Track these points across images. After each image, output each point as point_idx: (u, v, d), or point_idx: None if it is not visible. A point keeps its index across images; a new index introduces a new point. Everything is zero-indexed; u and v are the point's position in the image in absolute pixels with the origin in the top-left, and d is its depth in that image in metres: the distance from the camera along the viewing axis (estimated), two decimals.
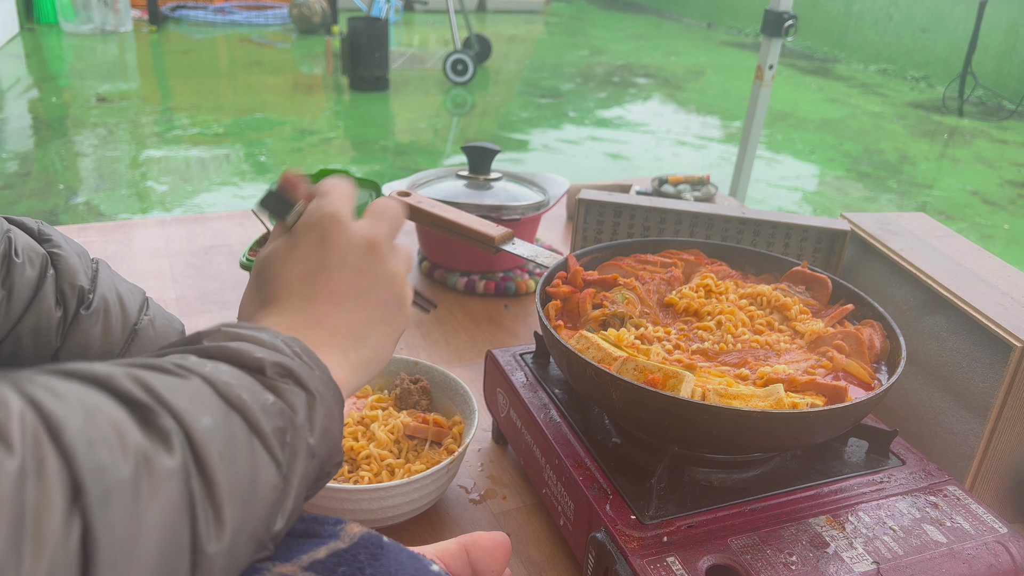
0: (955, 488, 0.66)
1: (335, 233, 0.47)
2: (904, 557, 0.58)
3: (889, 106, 5.46)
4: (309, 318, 0.45)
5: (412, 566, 0.39)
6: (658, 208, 1.02)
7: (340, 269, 0.47)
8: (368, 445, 0.72)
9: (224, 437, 0.32)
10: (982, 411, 0.75)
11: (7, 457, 0.24)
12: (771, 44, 1.68)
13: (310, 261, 0.47)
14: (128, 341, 0.62)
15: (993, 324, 0.74)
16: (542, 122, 4.63)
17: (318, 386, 0.39)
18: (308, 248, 0.47)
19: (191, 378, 0.33)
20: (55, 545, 0.25)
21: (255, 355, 0.37)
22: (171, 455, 0.29)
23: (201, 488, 0.30)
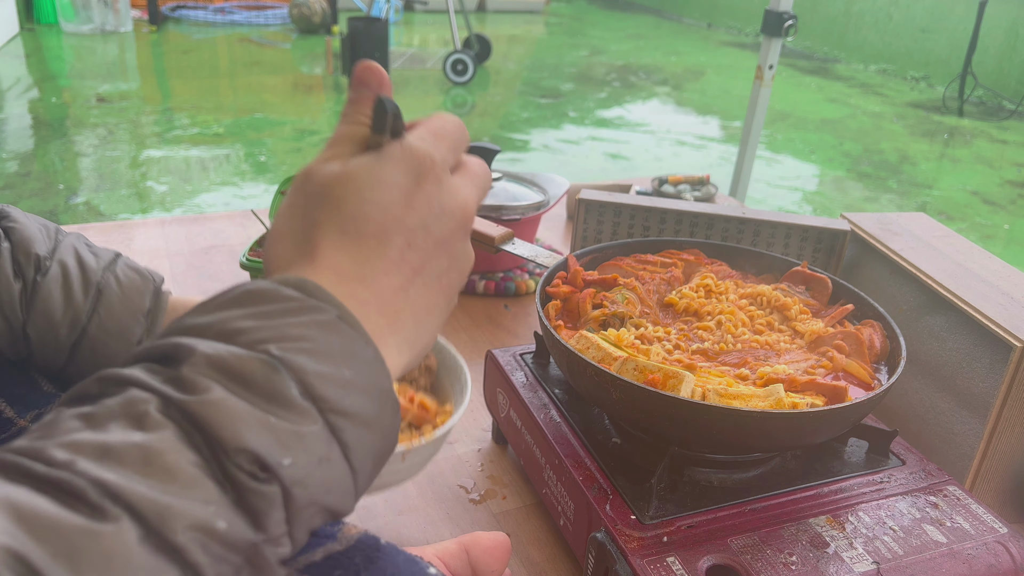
0: (955, 488, 0.66)
1: (431, 186, 0.37)
2: (904, 557, 0.58)
3: (889, 106, 5.46)
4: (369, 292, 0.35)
5: (409, 569, 0.38)
6: (658, 208, 1.02)
7: (424, 235, 0.36)
8: None
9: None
10: (982, 411, 0.75)
11: None
12: (771, 44, 1.68)
13: (388, 211, 0.36)
14: (94, 302, 0.56)
15: (993, 324, 0.74)
16: (542, 122, 4.63)
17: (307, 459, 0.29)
18: (393, 192, 0.36)
19: (109, 520, 0.24)
20: None
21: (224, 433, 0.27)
22: None
23: None
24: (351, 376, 0.32)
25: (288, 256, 0.36)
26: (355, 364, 0.32)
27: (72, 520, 0.24)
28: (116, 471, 0.25)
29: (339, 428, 0.31)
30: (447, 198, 0.37)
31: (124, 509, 0.25)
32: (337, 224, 0.35)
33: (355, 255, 0.35)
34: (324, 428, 0.30)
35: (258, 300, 0.32)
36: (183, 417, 0.28)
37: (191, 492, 0.26)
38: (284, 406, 0.29)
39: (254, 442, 0.28)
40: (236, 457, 0.28)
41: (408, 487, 0.77)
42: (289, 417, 0.29)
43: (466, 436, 0.86)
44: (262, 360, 0.30)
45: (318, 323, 0.32)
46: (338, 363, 0.31)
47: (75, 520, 0.24)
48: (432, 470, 0.80)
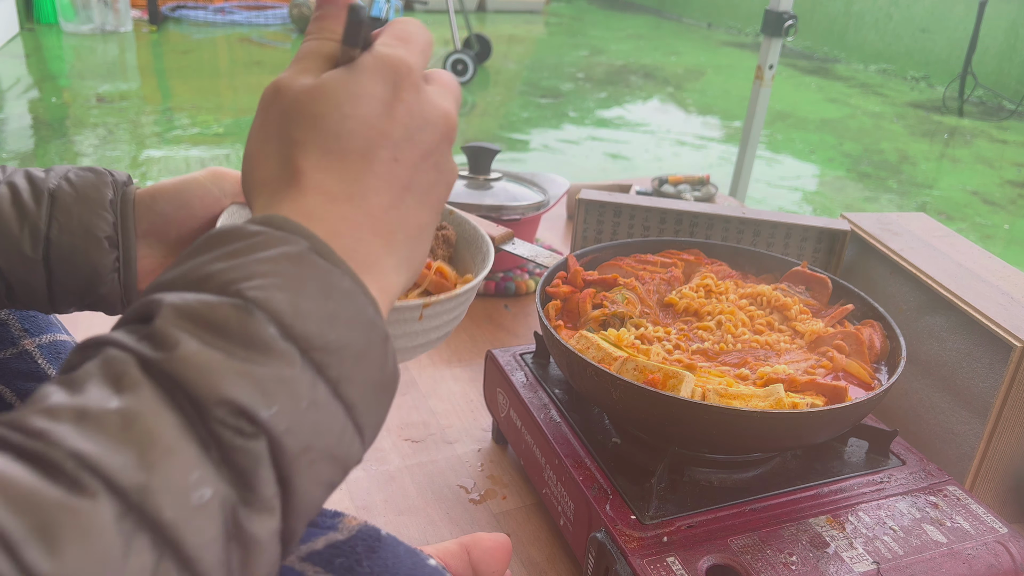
0: (955, 488, 0.66)
1: (411, 95, 0.35)
2: (904, 557, 0.58)
3: (889, 106, 5.46)
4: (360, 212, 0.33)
5: (409, 560, 0.38)
6: (658, 208, 1.02)
7: (409, 148, 0.35)
8: None
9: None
10: (982, 411, 0.75)
11: None
12: (771, 44, 1.68)
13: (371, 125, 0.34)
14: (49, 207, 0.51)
15: (993, 324, 0.74)
16: (542, 122, 4.63)
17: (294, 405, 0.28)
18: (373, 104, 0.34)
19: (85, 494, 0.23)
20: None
21: (201, 390, 0.26)
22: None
23: None
24: (331, 309, 0.30)
25: (269, 181, 0.34)
26: (334, 296, 0.30)
27: (49, 493, 0.23)
28: (93, 440, 0.24)
29: (324, 365, 0.29)
30: (428, 108, 0.36)
31: (102, 482, 0.24)
32: (318, 143, 0.34)
33: (342, 175, 0.33)
34: (308, 368, 0.29)
35: (224, 241, 0.30)
36: (162, 378, 0.26)
37: (171, 460, 0.25)
38: (262, 351, 0.28)
39: (234, 393, 0.26)
40: (217, 411, 0.26)
41: (408, 487, 0.77)
42: (269, 362, 0.28)
43: (466, 436, 0.86)
44: (234, 304, 0.28)
45: (289, 257, 0.30)
46: (315, 297, 0.30)
47: (52, 493, 0.23)
48: (432, 470, 0.80)
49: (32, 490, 0.23)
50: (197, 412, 0.26)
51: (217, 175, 0.52)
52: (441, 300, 0.49)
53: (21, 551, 0.21)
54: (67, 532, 0.22)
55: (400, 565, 0.37)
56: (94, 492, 0.23)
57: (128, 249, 0.50)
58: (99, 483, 0.24)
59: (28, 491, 0.22)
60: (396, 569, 0.37)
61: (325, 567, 0.36)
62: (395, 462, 0.81)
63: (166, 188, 0.51)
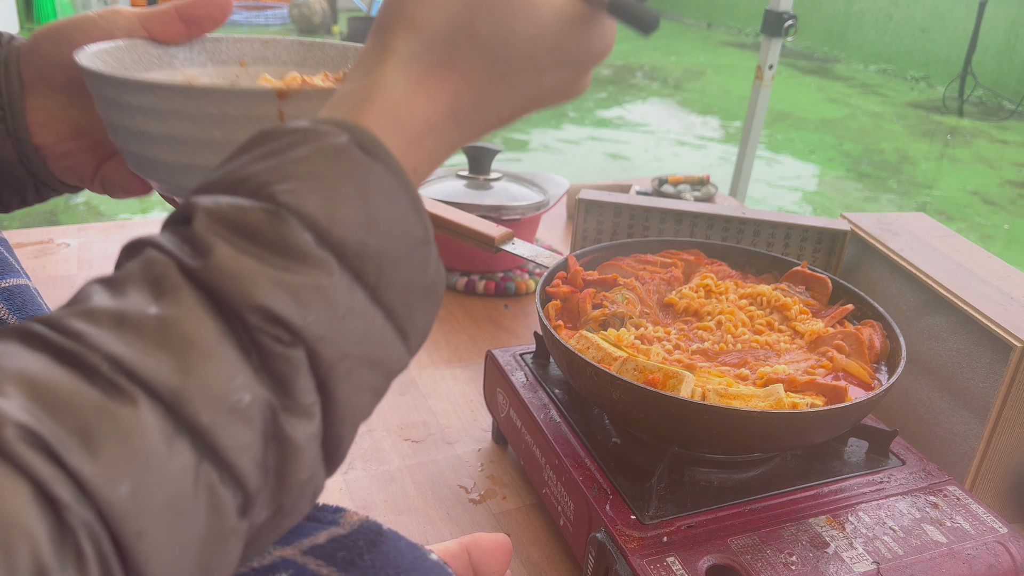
0: (955, 488, 0.66)
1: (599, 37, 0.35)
2: (904, 557, 0.58)
3: (889, 106, 5.46)
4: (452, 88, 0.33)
5: (410, 554, 0.38)
6: (658, 208, 1.02)
7: (531, 43, 0.34)
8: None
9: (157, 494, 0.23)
10: (982, 411, 0.75)
11: None
12: (771, 44, 1.68)
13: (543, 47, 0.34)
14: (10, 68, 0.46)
15: (993, 324, 0.74)
16: (542, 122, 4.63)
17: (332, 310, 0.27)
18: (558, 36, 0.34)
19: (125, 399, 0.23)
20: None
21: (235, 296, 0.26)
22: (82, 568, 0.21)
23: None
24: (369, 213, 0.29)
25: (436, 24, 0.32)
26: (372, 196, 0.29)
27: (88, 396, 0.23)
28: (131, 344, 0.24)
29: (362, 272, 0.28)
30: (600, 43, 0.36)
31: (140, 387, 0.24)
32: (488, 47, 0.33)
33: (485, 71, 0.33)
34: (345, 275, 0.28)
35: (267, 139, 0.29)
36: (201, 285, 0.26)
37: (211, 364, 0.25)
38: (298, 259, 0.27)
39: (269, 301, 0.26)
40: (252, 318, 0.26)
41: (408, 487, 0.77)
42: (304, 270, 0.27)
43: (466, 436, 0.86)
44: (266, 209, 0.27)
45: (326, 153, 0.29)
46: (352, 200, 0.28)
47: (91, 396, 0.23)
48: (432, 470, 0.80)
49: (71, 394, 0.23)
50: (236, 318, 0.26)
51: (113, 11, 0.47)
52: (304, 92, 0.39)
53: (64, 456, 0.21)
54: (107, 435, 0.22)
55: (402, 559, 0.38)
56: (133, 396, 0.23)
57: (14, 105, 0.46)
58: (137, 387, 0.24)
59: (67, 395, 0.22)
60: (398, 563, 0.37)
61: (327, 560, 0.36)
62: (395, 462, 0.81)
63: (48, 27, 0.46)
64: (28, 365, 0.23)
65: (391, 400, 0.91)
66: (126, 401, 0.23)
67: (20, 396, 0.22)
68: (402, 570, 0.37)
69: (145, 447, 0.23)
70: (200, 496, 0.24)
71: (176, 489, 0.23)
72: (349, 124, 0.30)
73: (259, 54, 0.52)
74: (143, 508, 0.22)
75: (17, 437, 0.21)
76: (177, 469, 0.24)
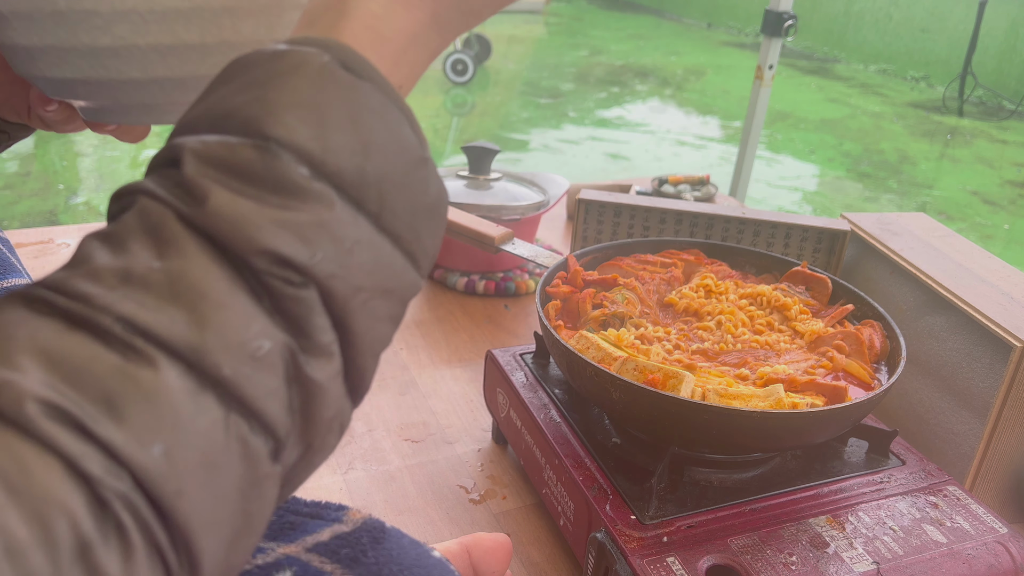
0: (955, 488, 0.66)
1: None
2: (904, 557, 0.58)
3: (889, 106, 5.46)
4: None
5: (413, 551, 0.39)
6: (658, 208, 1.02)
7: None
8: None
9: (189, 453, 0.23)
10: (982, 411, 0.75)
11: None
12: (771, 44, 1.68)
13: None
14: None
15: (993, 324, 0.74)
16: (542, 122, 4.63)
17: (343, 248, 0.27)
18: None
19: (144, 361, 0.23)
20: None
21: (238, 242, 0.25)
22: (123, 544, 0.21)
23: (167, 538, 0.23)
24: (363, 137, 0.28)
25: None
26: (364, 118, 0.28)
27: (106, 361, 0.22)
28: (141, 302, 0.24)
29: (363, 200, 0.28)
30: None
31: (157, 346, 0.23)
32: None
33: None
34: (347, 206, 0.27)
35: (246, 67, 0.28)
36: (202, 234, 0.25)
37: (224, 314, 0.24)
38: (296, 195, 0.26)
39: (273, 243, 0.25)
40: (258, 262, 0.25)
41: (408, 487, 0.77)
42: (304, 207, 0.26)
43: (466, 436, 0.86)
44: (257, 146, 0.26)
45: (310, 77, 0.27)
46: (343, 125, 0.27)
47: (109, 361, 0.22)
48: (432, 470, 0.80)
49: (88, 360, 0.22)
50: (243, 264, 0.25)
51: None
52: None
53: (91, 427, 0.21)
54: (132, 400, 0.22)
55: (405, 556, 0.38)
56: (151, 357, 0.23)
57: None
58: (154, 347, 0.23)
59: (84, 363, 0.22)
60: (401, 559, 0.37)
61: (331, 558, 0.36)
62: (395, 462, 0.81)
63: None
64: (39, 333, 0.22)
65: (391, 400, 0.91)
66: (145, 363, 0.23)
67: (37, 368, 0.21)
68: (405, 567, 0.37)
69: (171, 407, 0.23)
70: (232, 448, 0.24)
71: (208, 444, 0.23)
72: (329, 43, 0.28)
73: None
74: (178, 467, 0.22)
75: (41, 413, 0.21)
76: (206, 425, 0.23)
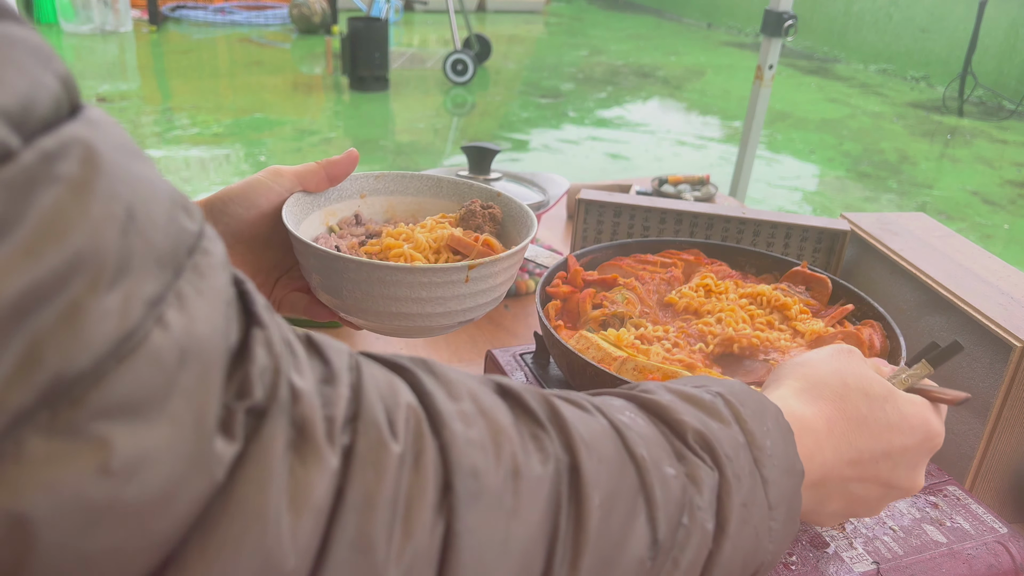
0: (955, 488, 0.66)
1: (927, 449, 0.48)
2: (904, 557, 0.58)
3: (889, 106, 5.46)
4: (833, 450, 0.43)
5: None
6: (658, 208, 1.02)
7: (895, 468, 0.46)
8: (404, 246, 0.61)
9: (610, 485, 0.31)
10: (982, 411, 0.75)
11: (392, 442, 0.26)
12: (771, 44, 1.68)
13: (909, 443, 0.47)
14: None
15: (993, 324, 0.74)
16: (542, 122, 4.63)
17: (742, 470, 0.36)
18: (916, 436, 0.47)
19: (599, 418, 0.33)
20: (421, 534, 0.26)
21: (680, 417, 0.36)
22: (542, 480, 0.29)
23: (569, 524, 0.30)
24: (768, 427, 0.38)
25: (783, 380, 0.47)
26: (769, 418, 0.39)
27: (575, 409, 0.34)
28: (605, 406, 0.35)
29: (759, 462, 0.37)
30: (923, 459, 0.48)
31: (609, 422, 0.34)
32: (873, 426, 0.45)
33: (846, 431, 0.44)
34: (748, 452, 0.37)
35: (681, 395, 0.40)
36: (648, 410, 0.36)
37: (654, 447, 0.34)
38: (724, 421, 0.37)
39: (700, 427, 0.35)
40: (688, 435, 0.35)
41: None
42: (726, 429, 0.36)
43: None
44: (706, 390, 0.39)
45: (740, 385, 0.41)
46: (756, 415, 0.38)
47: (578, 409, 0.34)
48: None
49: (566, 403, 0.34)
50: (674, 435, 0.35)
51: (276, 172, 0.59)
52: (485, 262, 0.55)
53: (548, 429, 0.31)
54: (591, 427, 0.33)
55: None
56: (602, 420, 0.34)
57: None
58: (605, 418, 0.34)
59: (565, 401, 0.34)
60: None
61: None
62: None
63: (234, 192, 0.57)
64: (497, 408, 0.31)
65: None
66: (599, 418, 0.34)
67: (530, 387, 0.34)
68: None
69: (610, 448, 0.33)
70: (635, 513, 0.32)
71: (622, 493, 0.32)
72: (764, 398, 0.42)
73: (372, 187, 0.67)
74: (603, 483, 0.31)
75: (535, 393, 0.33)
76: (626, 482, 0.32)
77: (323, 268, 0.56)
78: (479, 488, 0.27)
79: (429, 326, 0.58)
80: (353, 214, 0.66)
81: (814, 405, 0.44)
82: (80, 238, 0.20)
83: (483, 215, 0.67)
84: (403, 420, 0.27)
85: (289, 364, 0.26)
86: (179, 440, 0.22)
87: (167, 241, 0.22)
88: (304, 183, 0.60)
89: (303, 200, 0.61)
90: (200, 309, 0.23)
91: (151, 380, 0.21)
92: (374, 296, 0.55)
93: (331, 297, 0.57)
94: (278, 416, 0.24)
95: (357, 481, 0.25)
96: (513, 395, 0.31)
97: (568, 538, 0.29)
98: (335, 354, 0.28)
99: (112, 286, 0.20)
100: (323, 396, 0.26)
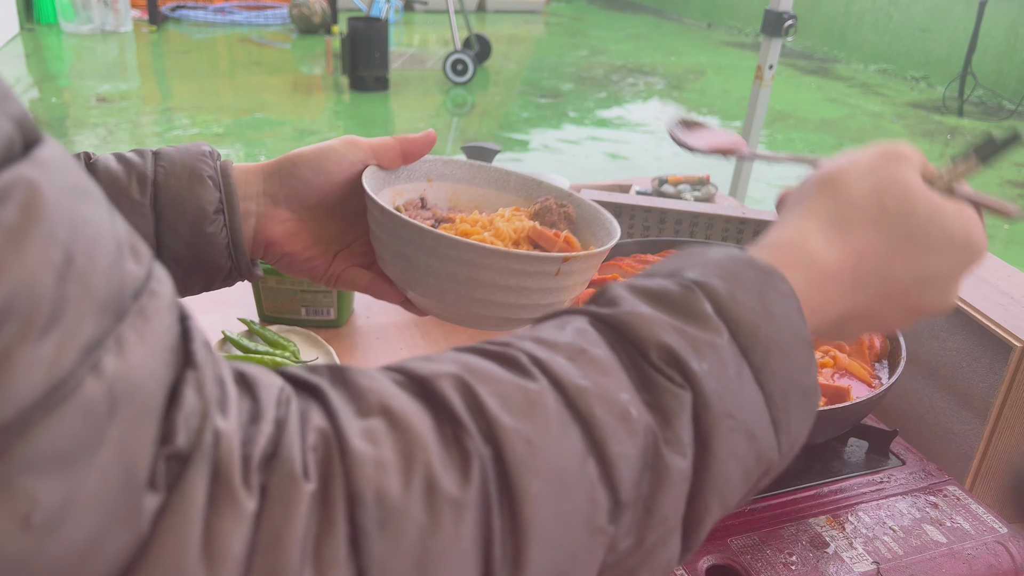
0: (955, 488, 0.66)
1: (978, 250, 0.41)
2: (904, 557, 0.58)
3: (889, 106, 5.46)
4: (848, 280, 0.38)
5: None
6: (658, 208, 1.02)
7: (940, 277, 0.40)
8: (483, 233, 0.60)
9: (549, 461, 0.28)
10: (982, 411, 0.75)
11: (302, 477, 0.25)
12: (771, 44, 1.68)
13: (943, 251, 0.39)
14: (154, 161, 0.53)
15: (993, 324, 0.74)
16: (542, 122, 4.63)
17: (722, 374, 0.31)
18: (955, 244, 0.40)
19: (536, 381, 0.29)
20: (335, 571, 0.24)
21: (641, 333, 0.31)
22: (464, 485, 0.26)
23: (504, 522, 0.27)
24: (764, 304, 0.33)
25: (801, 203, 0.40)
26: (768, 294, 0.33)
27: (506, 375, 0.29)
28: (547, 352, 0.30)
29: (749, 350, 0.32)
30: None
31: (548, 378, 0.29)
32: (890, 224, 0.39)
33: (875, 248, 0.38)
34: (735, 348, 0.32)
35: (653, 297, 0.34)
36: (607, 327, 0.32)
37: (609, 380, 0.30)
38: (698, 319, 0.32)
39: (670, 340, 0.31)
40: (653, 353, 0.31)
41: None
42: (702, 330, 0.31)
43: None
44: (679, 283, 0.33)
45: (731, 255, 0.35)
46: (750, 290, 0.33)
47: (508, 376, 0.29)
48: None
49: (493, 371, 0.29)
50: (633, 359, 0.31)
51: (351, 143, 0.57)
52: (580, 256, 0.53)
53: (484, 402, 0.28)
54: (518, 402, 0.28)
55: None
56: (537, 379, 0.29)
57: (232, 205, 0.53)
58: (545, 378, 0.29)
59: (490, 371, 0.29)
60: None
61: None
62: None
63: (306, 155, 0.55)
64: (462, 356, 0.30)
65: None
66: (535, 381, 0.29)
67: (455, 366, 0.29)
68: None
69: (545, 416, 0.28)
70: (583, 483, 0.28)
71: (564, 465, 0.28)
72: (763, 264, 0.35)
73: (440, 172, 0.65)
74: (538, 463, 0.27)
75: (452, 386, 0.28)
76: (567, 449, 0.28)
77: (405, 244, 0.53)
78: (385, 514, 0.25)
79: (507, 317, 0.55)
80: (419, 196, 0.64)
81: (841, 241, 0.38)
82: (11, 285, 0.19)
83: (558, 213, 0.67)
84: (311, 449, 0.25)
85: (215, 406, 0.24)
86: (106, 492, 0.21)
87: (109, 286, 0.22)
88: (379, 157, 0.58)
89: (377, 174, 0.59)
90: (139, 355, 0.22)
91: (81, 430, 0.20)
92: (459, 279, 0.52)
93: (406, 275, 0.54)
94: (200, 463, 0.23)
95: (266, 522, 0.24)
96: (432, 392, 0.28)
97: (506, 536, 0.27)
98: (264, 389, 0.27)
99: (45, 333, 0.19)
100: (245, 435, 0.25)
